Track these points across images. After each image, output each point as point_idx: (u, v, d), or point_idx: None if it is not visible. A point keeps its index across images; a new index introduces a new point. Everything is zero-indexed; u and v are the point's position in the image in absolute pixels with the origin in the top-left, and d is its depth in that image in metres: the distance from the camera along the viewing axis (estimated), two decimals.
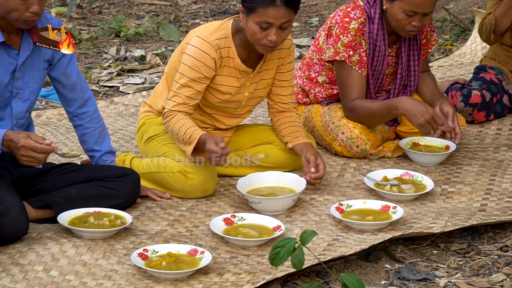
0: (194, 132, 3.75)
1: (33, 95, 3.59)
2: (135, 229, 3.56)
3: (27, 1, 3.32)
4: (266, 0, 3.67)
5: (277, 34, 3.72)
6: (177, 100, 3.82)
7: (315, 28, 7.24)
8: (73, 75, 3.68)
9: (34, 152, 3.33)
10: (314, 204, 3.82)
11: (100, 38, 6.88)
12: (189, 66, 3.80)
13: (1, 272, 3.12)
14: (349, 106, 4.28)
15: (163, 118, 3.86)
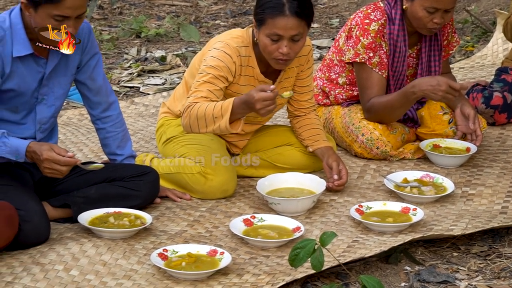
0: (225, 101, 3.62)
1: (58, 101, 3.60)
2: (155, 229, 3.56)
3: (62, 23, 3.32)
4: (275, 10, 3.63)
5: (289, 47, 3.66)
6: (199, 94, 3.71)
7: (335, 29, 7.23)
8: (99, 79, 3.70)
9: (57, 165, 3.35)
10: (334, 206, 3.82)
11: (120, 39, 6.90)
12: (211, 65, 3.75)
13: (22, 271, 3.13)
14: (367, 106, 4.27)
15: (182, 113, 3.73)
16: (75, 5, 3.30)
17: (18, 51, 3.41)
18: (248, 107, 3.58)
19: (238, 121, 3.62)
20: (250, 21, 7.51)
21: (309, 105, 4.12)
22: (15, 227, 3.24)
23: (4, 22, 3.39)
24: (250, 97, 3.54)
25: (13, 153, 3.36)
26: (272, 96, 3.53)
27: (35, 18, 3.33)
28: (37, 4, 3.30)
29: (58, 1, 3.27)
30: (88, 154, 4.45)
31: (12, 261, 3.21)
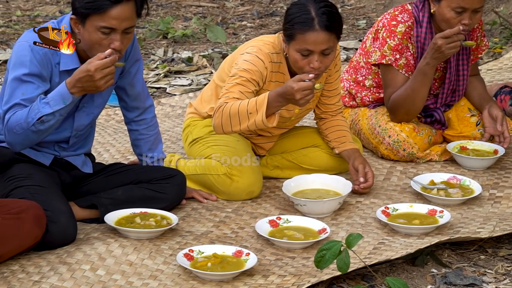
0: (259, 96, 3.59)
1: (97, 109, 3.62)
2: (181, 230, 3.57)
3: (109, 37, 3.33)
4: (304, 25, 3.61)
5: (320, 61, 3.64)
6: (230, 95, 3.68)
7: (362, 31, 7.21)
8: (138, 85, 3.71)
9: (107, 69, 3.27)
10: (360, 207, 3.81)
11: (147, 40, 6.93)
12: (244, 69, 3.73)
13: (49, 270, 3.15)
14: (389, 105, 4.26)
15: (213, 114, 3.68)
16: (121, 16, 3.31)
17: (65, 64, 3.42)
18: (285, 99, 3.55)
19: (273, 115, 3.61)
20: (277, 22, 7.51)
21: (336, 108, 4.11)
22: (42, 227, 3.26)
23: None
24: (289, 87, 3.51)
25: (60, 100, 3.30)
26: (311, 85, 3.51)
27: (84, 34, 3.34)
28: (85, 17, 3.31)
29: (103, 10, 3.29)
30: (115, 154, 4.47)
31: (39, 260, 3.23)
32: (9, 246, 3.16)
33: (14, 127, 3.34)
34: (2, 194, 3.46)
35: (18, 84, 3.36)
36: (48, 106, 3.29)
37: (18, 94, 3.36)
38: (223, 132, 3.68)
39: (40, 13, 7.73)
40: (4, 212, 3.19)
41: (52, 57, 3.40)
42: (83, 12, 3.31)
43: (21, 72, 3.36)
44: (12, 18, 7.53)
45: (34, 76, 3.37)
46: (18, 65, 3.37)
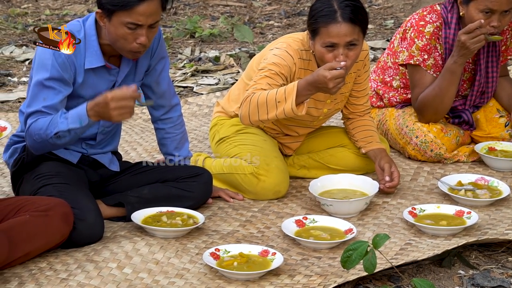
0: (288, 85, 3.57)
1: None
2: (207, 229, 3.58)
3: (135, 32, 3.34)
4: (327, 18, 3.60)
5: (345, 54, 3.62)
6: (258, 87, 3.67)
7: (389, 31, 7.18)
8: (164, 83, 3.72)
9: (124, 101, 3.26)
10: (387, 208, 3.80)
11: (175, 39, 6.95)
12: (272, 62, 3.72)
13: (77, 268, 3.17)
14: (417, 105, 4.24)
15: (241, 104, 3.67)
16: (147, 12, 3.32)
17: (90, 63, 3.44)
18: (315, 88, 3.53)
19: (302, 104, 3.59)
20: (304, 21, 7.50)
21: (364, 108, 4.10)
22: (70, 224, 3.28)
23: (78, 32, 3.43)
24: (321, 76, 3.49)
25: (77, 120, 3.32)
26: (344, 73, 3.50)
27: (109, 28, 3.36)
28: (111, 12, 3.33)
29: (130, 7, 3.30)
30: (142, 153, 4.49)
31: (67, 258, 3.25)
32: (37, 243, 3.19)
33: (34, 135, 3.38)
34: (30, 192, 3.49)
35: (39, 89, 3.39)
36: (65, 122, 3.33)
37: (40, 99, 3.38)
38: (249, 122, 3.66)
39: (68, 12, 7.78)
40: (32, 209, 3.21)
41: (75, 58, 3.41)
42: (109, 8, 3.32)
43: (42, 76, 3.38)
44: (41, 17, 7.58)
45: (55, 81, 3.39)
46: (40, 69, 3.39)
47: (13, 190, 3.67)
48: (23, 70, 6.06)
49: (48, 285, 3.05)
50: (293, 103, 3.52)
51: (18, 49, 6.50)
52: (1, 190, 3.97)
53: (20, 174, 3.59)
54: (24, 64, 6.18)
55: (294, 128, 4.02)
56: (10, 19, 7.44)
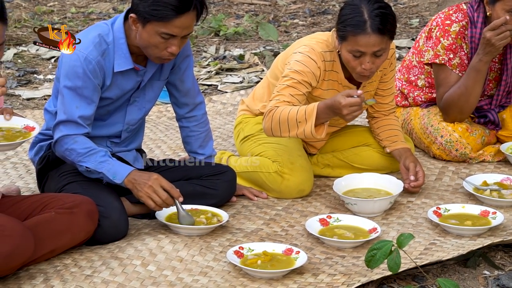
0: (309, 106, 3.60)
1: (149, 104, 3.65)
2: (231, 227, 3.58)
3: (168, 41, 3.35)
4: (356, 28, 3.58)
5: (371, 62, 3.62)
6: (281, 98, 3.69)
7: (415, 30, 7.16)
8: (188, 81, 3.73)
9: (158, 194, 3.38)
10: (411, 207, 3.78)
11: (199, 37, 6.96)
12: (295, 70, 3.72)
13: (101, 265, 3.19)
14: (442, 104, 4.22)
15: (264, 117, 3.72)
16: (184, 25, 3.33)
17: (119, 65, 3.46)
18: (333, 112, 3.55)
19: (322, 126, 3.61)
20: (329, 20, 7.49)
21: (389, 108, 4.09)
22: (95, 221, 3.30)
23: (107, 36, 3.44)
24: (337, 102, 3.51)
25: (112, 174, 3.40)
26: (359, 102, 3.50)
27: (142, 33, 3.37)
28: (146, 20, 3.33)
29: (168, 20, 3.31)
30: (166, 151, 4.50)
31: (91, 255, 3.27)
32: (62, 240, 3.21)
33: (62, 151, 3.44)
34: (56, 189, 3.51)
35: (72, 96, 3.41)
36: (103, 166, 3.39)
37: (73, 107, 3.41)
38: (272, 135, 3.71)
39: (94, 10, 7.81)
40: (58, 207, 3.23)
41: (104, 61, 3.43)
42: (146, 16, 3.33)
43: (74, 83, 3.40)
44: (66, 15, 7.62)
45: (88, 89, 3.41)
46: (71, 75, 3.40)
47: (39, 187, 3.69)
48: (48, 68, 6.10)
49: (73, 282, 3.07)
50: (312, 126, 3.56)
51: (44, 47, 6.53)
52: (27, 187, 4.00)
53: (45, 172, 3.62)
54: (50, 62, 6.22)
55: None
56: (36, 17, 7.49)
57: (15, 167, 4.25)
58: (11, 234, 2.98)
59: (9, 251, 2.96)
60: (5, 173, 4.17)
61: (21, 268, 3.12)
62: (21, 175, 4.14)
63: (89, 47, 3.39)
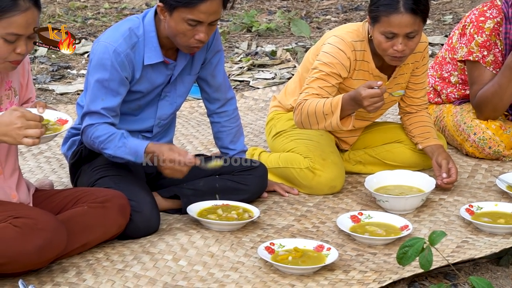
0: (334, 98, 3.62)
1: (180, 98, 3.66)
2: (262, 223, 3.59)
3: (195, 28, 3.36)
4: (389, 7, 3.58)
5: (404, 44, 3.61)
6: (310, 91, 3.71)
7: (448, 26, 7.11)
8: (219, 76, 3.74)
9: (178, 166, 3.38)
10: (443, 205, 3.76)
11: (232, 33, 6.96)
12: (324, 62, 3.74)
13: (133, 259, 3.20)
14: (475, 102, 4.19)
15: (294, 110, 3.74)
16: (209, 10, 3.34)
17: (149, 58, 3.47)
18: (356, 104, 3.57)
19: (349, 118, 3.62)
20: (361, 16, 7.46)
21: (421, 103, 4.07)
22: (127, 216, 3.31)
23: (138, 29, 3.46)
24: (358, 93, 3.52)
25: (132, 154, 3.41)
26: (380, 93, 3.50)
27: (169, 22, 3.38)
28: (172, 8, 3.35)
29: (193, 5, 3.32)
30: (198, 146, 4.51)
31: (123, 249, 3.28)
32: (95, 234, 3.23)
33: (88, 139, 3.45)
34: (88, 183, 3.53)
35: (98, 88, 3.43)
36: (122, 150, 3.40)
37: (98, 99, 3.43)
38: (304, 128, 3.74)
39: (127, 5, 7.85)
40: (90, 201, 3.25)
41: (134, 54, 3.44)
42: (172, 3, 3.35)
43: (102, 76, 3.42)
44: (100, 11, 7.67)
45: (114, 81, 3.43)
46: (99, 67, 3.43)
47: (71, 181, 3.72)
48: (82, 63, 6.13)
49: (105, 276, 3.09)
50: (337, 118, 3.57)
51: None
52: (60, 181, 4.03)
53: (78, 166, 3.64)
54: (83, 57, 6.26)
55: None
56: (70, 13, 7.54)
57: (48, 161, 4.28)
58: (44, 227, 3.00)
59: (42, 244, 2.99)
60: (38, 167, 4.21)
61: (53, 261, 3.15)
62: (54, 169, 4.18)
63: (118, 40, 3.41)
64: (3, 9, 2.90)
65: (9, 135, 2.88)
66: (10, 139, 2.90)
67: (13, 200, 3.15)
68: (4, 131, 2.89)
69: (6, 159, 3.15)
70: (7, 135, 2.89)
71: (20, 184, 3.22)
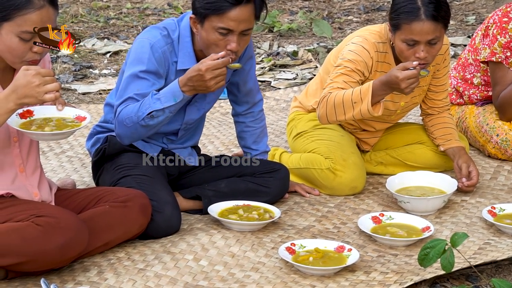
0: (363, 85, 3.59)
1: (208, 105, 3.66)
2: (283, 223, 3.58)
3: (226, 38, 3.36)
4: (410, 15, 3.57)
5: (426, 51, 3.59)
6: (335, 85, 3.69)
7: (471, 27, 7.08)
8: (250, 82, 3.74)
9: (218, 70, 3.28)
10: (465, 206, 3.74)
11: (254, 33, 6.97)
12: (349, 59, 3.73)
13: (154, 259, 3.21)
14: (498, 103, 4.16)
15: (318, 105, 3.71)
16: (239, 18, 3.33)
17: (182, 64, 3.48)
18: (389, 88, 3.54)
19: (378, 104, 3.59)
20: (383, 17, 7.45)
21: (443, 104, 4.05)
22: (148, 216, 3.32)
23: (173, 32, 3.47)
24: (393, 77, 3.50)
25: (171, 97, 3.33)
26: (416, 74, 3.49)
27: (201, 33, 3.38)
28: (203, 17, 3.35)
29: (222, 11, 3.32)
30: (219, 146, 4.51)
31: (144, 249, 3.29)
32: (116, 233, 3.24)
33: (124, 119, 3.39)
34: (110, 182, 3.54)
35: (133, 80, 3.42)
36: (159, 102, 3.34)
37: (133, 89, 3.41)
38: (327, 122, 3.70)
39: (149, 5, 7.87)
40: (112, 200, 3.27)
41: (170, 56, 3.45)
42: (202, 12, 3.34)
43: (138, 68, 3.42)
44: (122, 11, 7.69)
45: (150, 74, 3.42)
46: (136, 62, 3.43)
47: (94, 179, 3.73)
48: (104, 63, 6.16)
49: (126, 275, 3.10)
50: (369, 104, 3.53)
51: (100, 42, 6.61)
52: (81, 180, 4.05)
53: (100, 164, 3.65)
54: (105, 57, 6.28)
55: (371, 123, 4.00)
56: (92, 12, 7.57)
57: (70, 160, 4.30)
58: (66, 226, 3.01)
59: (63, 242, 3.00)
60: (60, 167, 4.23)
61: (75, 260, 3.16)
62: (76, 169, 4.20)
63: (157, 37, 3.43)
64: (17, 7, 2.91)
65: (30, 95, 2.85)
66: (32, 99, 2.86)
67: (35, 198, 3.17)
68: (23, 93, 2.85)
69: (28, 157, 3.17)
70: (27, 96, 2.85)
71: (42, 183, 3.24)
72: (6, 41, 2.94)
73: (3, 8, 2.92)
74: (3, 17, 2.92)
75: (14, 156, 3.13)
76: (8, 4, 2.91)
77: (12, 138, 3.11)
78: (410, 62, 3.51)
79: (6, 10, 2.91)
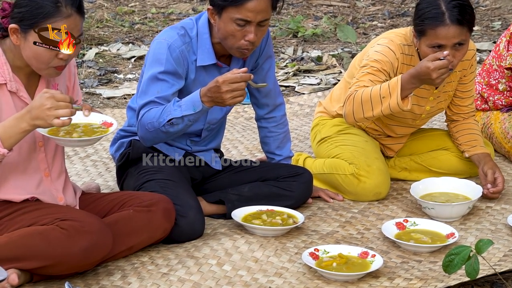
0: (391, 80, 3.58)
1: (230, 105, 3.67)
2: (307, 228, 3.58)
3: (244, 29, 3.38)
4: (435, 20, 3.55)
5: (452, 55, 3.58)
6: (361, 84, 3.68)
7: (496, 32, 7.04)
8: (269, 82, 3.74)
9: (235, 84, 3.28)
10: (490, 213, 3.72)
11: (278, 38, 6.97)
12: (374, 59, 3.72)
13: (177, 264, 3.22)
14: None
15: (344, 103, 3.70)
16: (257, 9, 3.35)
17: (202, 60, 3.50)
18: (419, 80, 3.53)
19: (407, 99, 3.58)
20: (408, 22, 7.42)
21: (469, 110, 4.03)
22: (171, 220, 3.33)
23: (191, 30, 3.49)
24: (424, 68, 3.48)
25: (191, 106, 3.34)
26: (447, 64, 3.48)
27: (219, 24, 3.40)
28: (221, 8, 3.37)
29: (240, 3, 3.34)
30: (243, 151, 4.52)
31: (168, 253, 3.30)
32: (140, 237, 3.25)
33: (146, 124, 3.42)
34: (134, 187, 3.55)
35: (153, 82, 3.44)
36: (179, 109, 3.35)
37: (154, 91, 3.43)
38: (354, 119, 3.68)
39: (174, 10, 7.90)
40: (136, 204, 3.28)
41: (188, 54, 3.47)
42: (220, 3, 3.37)
43: (157, 70, 3.44)
44: (147, 15, 7.73)
45: (169, 74, 3.44)
46: (154, 63, 3.45)
47: (118, 183, 3.75)
48: (129, 67, 6.19)
49: (150, 279, 3.11)
50: (398, 97, 3.51)
51: (125, 47, 6.64)
52: (106, 184, 4.06)
53: (125, 169, 3.67)
54: (130, 62, 6.31)
55: (395, 128, 3.99)
56: (117, 17, 7.61)
57: (95, 164, 4.32)
58: (90, 230, 3.03)
59: (87, 246, 3.01)
60: (85, 171, 4.25)
61: (99, 264, 3.18)
62: (101, 173, 4.21)
63: (174, 37, 3.45)
64: (45, 15, 2.93)
65: (41, 118, 2.87)
66: (42, 122, 2.88)
67: (59, 202, 3.19)
68: (36, 115, 2.88)
69: (53, 161, 3.19)
70: (38, 117, 2.88)
71: (67, 187, 3.25)
72: (33, 47, 2.96)
73: (31, 16, 2.94)
74: (31, 25, 2.94)
75: (40, 160, 3.14)
76: (36, 12, 2.93)
77: (37, 143, 3.13)
78: (440, 52, 3.50)
79: (35, 18, 2.94)
